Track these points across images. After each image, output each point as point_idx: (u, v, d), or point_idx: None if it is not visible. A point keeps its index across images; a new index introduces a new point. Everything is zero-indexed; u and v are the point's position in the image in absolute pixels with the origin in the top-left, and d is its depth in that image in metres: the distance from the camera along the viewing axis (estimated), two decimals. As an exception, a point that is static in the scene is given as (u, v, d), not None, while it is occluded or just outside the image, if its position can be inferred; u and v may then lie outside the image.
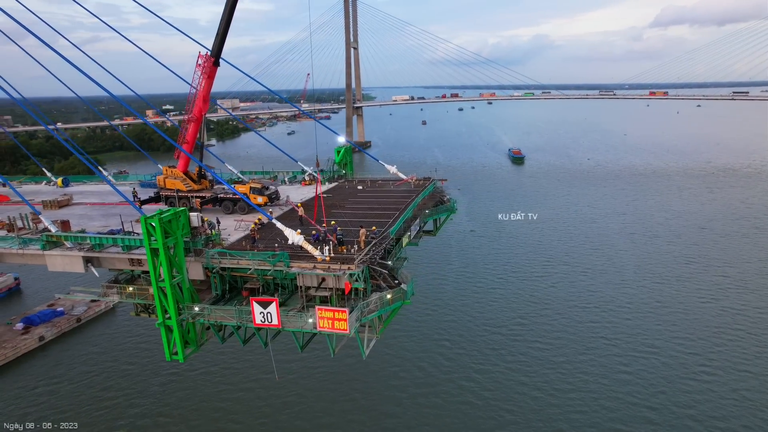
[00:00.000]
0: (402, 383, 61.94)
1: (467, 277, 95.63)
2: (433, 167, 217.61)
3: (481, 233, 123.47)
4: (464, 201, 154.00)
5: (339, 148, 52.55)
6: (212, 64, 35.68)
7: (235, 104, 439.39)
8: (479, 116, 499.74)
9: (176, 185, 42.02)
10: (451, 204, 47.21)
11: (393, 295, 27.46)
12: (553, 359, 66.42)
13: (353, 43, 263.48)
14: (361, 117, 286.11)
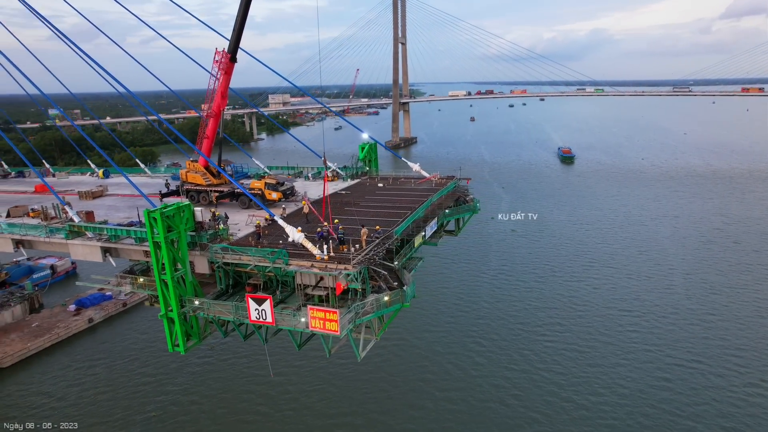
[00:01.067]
0: (429, 385, 61.04)
1: (504, 277, 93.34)
2: (476, 164, 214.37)
3: (523, 233, 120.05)
4: (507, 200, 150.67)
5: (363, 145, 52.13)
6: (229, 60, 36.08)
7: (286, 99, 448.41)
8: (530, 113, 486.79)
9: (196, 179, 42.98)
10: (473, 204, 45.74)
11: (391, 298, 26.80)
12: (589, 365, 63.60)
13: (401, 39, 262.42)
14: (407, 113, 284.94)
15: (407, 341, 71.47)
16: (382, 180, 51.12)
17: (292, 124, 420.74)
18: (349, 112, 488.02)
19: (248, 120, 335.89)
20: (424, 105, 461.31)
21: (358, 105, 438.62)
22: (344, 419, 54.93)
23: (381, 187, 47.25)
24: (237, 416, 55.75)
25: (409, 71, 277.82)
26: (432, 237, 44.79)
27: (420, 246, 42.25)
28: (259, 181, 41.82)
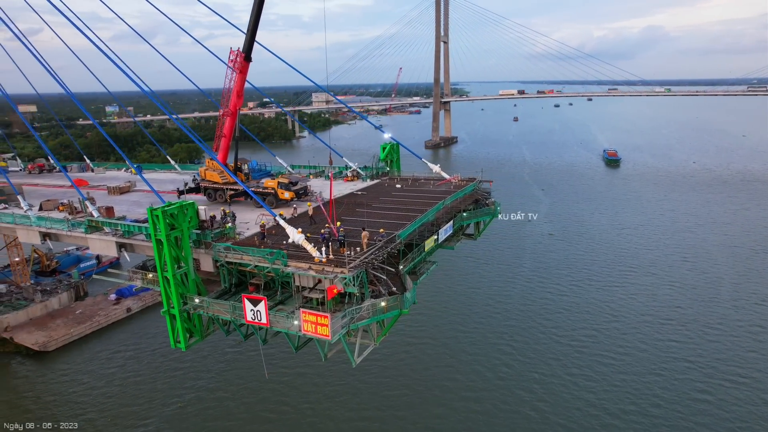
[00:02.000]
0: (455, 385, 59.99)
1: (537, 281, 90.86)
2: (517, 165, 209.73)
3: (561, 236, 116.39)
4: (546, 202, 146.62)
5: (384, 145, 51.47)
6: (243, 60, 36.29)
7: (329, 97, 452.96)
8: (576, 113, 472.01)
9: (214, 177, 43.61)
10: (493, 207, 44.30)
11: (388, 303, 26.11)
12: (622, 375, 60.89)
13: (443, 37, 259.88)
14: (448, 112, 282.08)
15: (432, 342, 70.63)
16: (401, 181, 50.33)
17: (333, 123, 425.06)
18: (391, 111, 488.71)
19: (290, 118, 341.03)
20: (467, 104, 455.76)
21: (400, 104, 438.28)
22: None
23: (398, 188, 46.49)
24: (256, 411, 56.48)
25: (451, 70, 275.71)
26: (448, 240, 43.72)
27: (434, 250, 41.31)
28: (273, 180, 42.01)
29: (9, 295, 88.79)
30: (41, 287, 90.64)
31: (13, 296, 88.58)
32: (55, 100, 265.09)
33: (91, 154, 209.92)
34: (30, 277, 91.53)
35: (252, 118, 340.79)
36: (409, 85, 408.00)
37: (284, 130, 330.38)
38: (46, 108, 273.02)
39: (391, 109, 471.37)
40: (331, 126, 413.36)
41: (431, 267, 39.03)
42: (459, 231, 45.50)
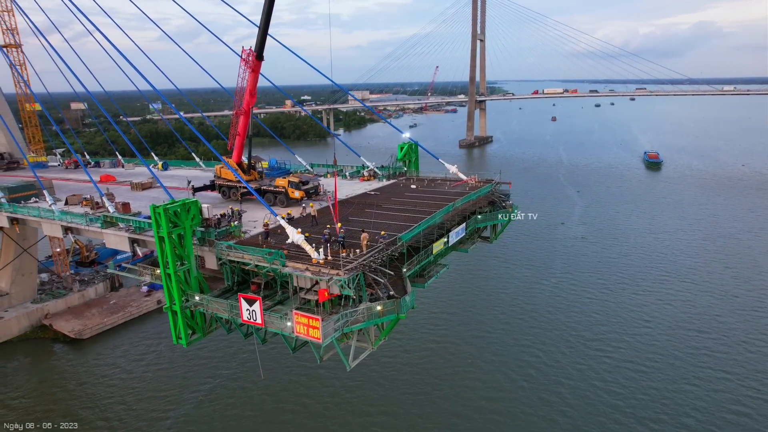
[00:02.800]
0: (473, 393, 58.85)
1: (567, 285, 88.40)
2: (552, 165, 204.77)
3: (593, 239, 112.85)
4: (580, 204, 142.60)
5: (402, 145, 50.74)
6: (255, 59, 36.37)
7: (365, 96, 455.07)
8: (618, 113, 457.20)
9: (228, 175, 44.02)
10: (510, 210, 42.97)
11: (384, 307, 25.53)
12: (652, 386, 58.41)
13: (479, 35, 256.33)
14: (484, 111, 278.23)
15: (457, 343, 69.72)
16: (418, 181, 49.54)
17: (369, 121, 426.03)
18: (427, 110, 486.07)
19: (326, 116, 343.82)
20: (504, 103, 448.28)
21: (435, 102, 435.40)
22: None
23: (413, 189, 45.74)
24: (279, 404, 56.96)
25: (488, 69, 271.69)
26: (462, 243, 42.73)
27: (447, 252, 40.43)
28: (284, 179, 42.05)
29: (50, 284, 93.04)
30: (80, 277, 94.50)
31: (54, 285, 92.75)
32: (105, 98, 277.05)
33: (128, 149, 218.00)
34: (70, 268, 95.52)
35: (288, 116, 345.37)
36: (445, 84, 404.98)
37: (319, 128, 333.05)
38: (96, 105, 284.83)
39: (426, 107, 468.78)
40: (366, 124, 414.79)
41: (442, 270, 38.23)
42: (474, 233, 44.42)
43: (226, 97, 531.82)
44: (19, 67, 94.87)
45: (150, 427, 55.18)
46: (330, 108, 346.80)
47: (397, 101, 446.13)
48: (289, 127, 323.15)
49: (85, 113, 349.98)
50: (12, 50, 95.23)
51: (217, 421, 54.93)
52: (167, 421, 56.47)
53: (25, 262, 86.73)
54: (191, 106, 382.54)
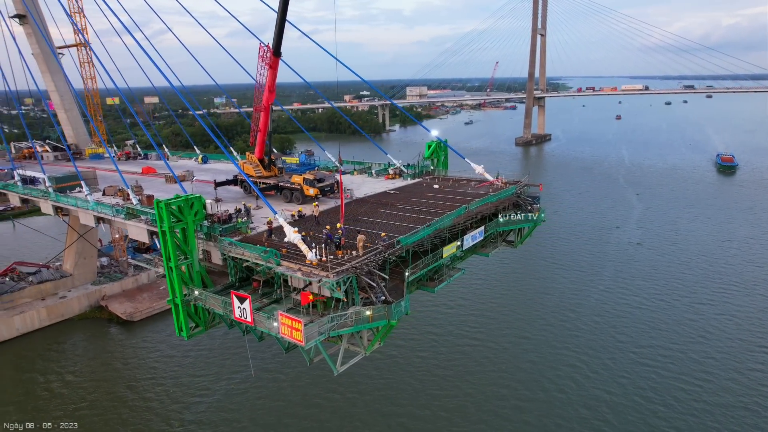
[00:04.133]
0: (505, 396, 57.00)
1: (617, 292, 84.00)
2: (612, 166, 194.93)
3: (650, 245, 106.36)
4: (639, 208, 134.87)
5: (430, 143, 49.40)
6: (273, 55, 36.39)
7: (423, 91, 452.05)
8: (690, 111, 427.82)
9: (249, 171, 44.58)
10: (536, 215, 40.76)
11: (374, 312, 24.74)
12: (707, 406, 54.23)
13: (540, 30, 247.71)
14: (542, 108, 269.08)
15: (489, 348, 67.78)
16: (443, 181, 48.09)
17: (425, 117, 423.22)
18: (485, 106, 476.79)
19: (381, 111, 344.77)
20: (566, 100, 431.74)
21: (495, 99, 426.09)
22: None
23: (436, 189, 44.42)
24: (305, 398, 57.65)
25: (552, 65, 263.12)
26: (484, 247, 41.07)
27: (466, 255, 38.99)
28: (299, 176, 42.00)
29: (109, 268, 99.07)
30: (135, 263, 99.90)
31: (112, 269, 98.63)
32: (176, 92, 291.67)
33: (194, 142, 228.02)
34: (128, 253, 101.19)
35: (344, 111, 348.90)
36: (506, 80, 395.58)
37: (374, 123, 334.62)
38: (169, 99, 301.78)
39: (485, 104, 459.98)
40: (423, 120, 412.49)
41: (457, 274, 36.88)
42: (498, 237, 42.60)
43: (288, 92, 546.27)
44: (87, 64, 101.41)
45: (184, 409, 57.32)
46: (385, 104, 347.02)
47: (455, 97, 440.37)
48: (344, 121, 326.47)
49: (156, 107, 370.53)
50: (81, 49, 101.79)
51: (245, 411, 56.17)
52: (200, 405, 58.42)
53: (87, 247, 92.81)
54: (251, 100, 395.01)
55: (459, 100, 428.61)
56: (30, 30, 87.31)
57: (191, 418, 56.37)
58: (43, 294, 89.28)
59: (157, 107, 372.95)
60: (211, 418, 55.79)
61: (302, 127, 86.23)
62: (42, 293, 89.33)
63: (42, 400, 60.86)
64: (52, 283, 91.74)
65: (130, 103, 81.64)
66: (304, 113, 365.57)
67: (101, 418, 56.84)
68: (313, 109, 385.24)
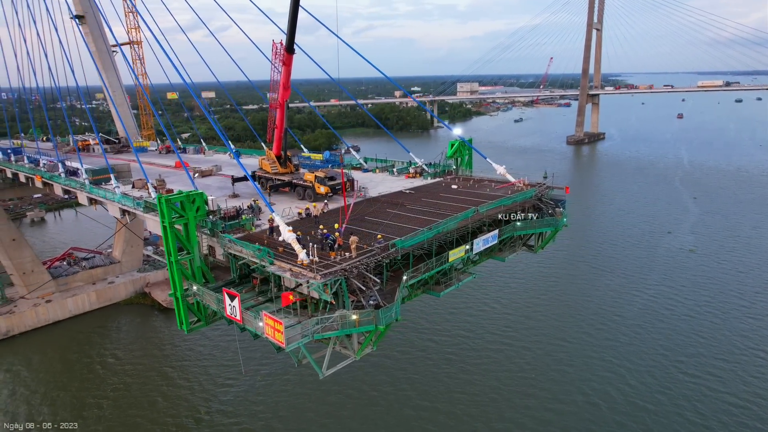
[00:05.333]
0: (530, 407, 55.16)
1: (664, 301, 79.82)
2: (668, 167, 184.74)
3: (705, 253, 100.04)
4: (695, 212, 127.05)
5: (453, 142, 47.95)
6: (286, 52, 36.22)
7: (474, 88, 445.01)
8: (765, 109, 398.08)
9: (266, 167, 44.88)
10: (559, 219, 38.69)
11: (361, 317, 24.06)
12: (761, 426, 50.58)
13: (596, 24, 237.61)
14: (596, 105, 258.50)
15: (526, 348, 66.19)
16: (463, 181, 46.54)
17: (475, 113, 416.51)
18: (538, 103, 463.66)
19: (430, 107, 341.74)
20: (625, 97, 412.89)
21: (548, 95, 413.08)
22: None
23: (454, 189, 43.03)
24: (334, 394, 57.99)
25: (610, 61, 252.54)
26: (500, 251, 39.45)
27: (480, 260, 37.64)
28: (311, 173, 41.78)
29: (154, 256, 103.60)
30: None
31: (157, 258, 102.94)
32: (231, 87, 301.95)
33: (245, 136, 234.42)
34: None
35: (392, 107, 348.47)
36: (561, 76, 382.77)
37: (422, 119, 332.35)
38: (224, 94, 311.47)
39: (538, 100, 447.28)
40: (472, 116, 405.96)
41: (466, 278, 35.63)
42: (518, 241, 40.84)
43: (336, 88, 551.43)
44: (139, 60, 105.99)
45: (211, 398, 59.33)
46: (434, 99, 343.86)
47: (507, 93, 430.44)
48: (393, 117, 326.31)
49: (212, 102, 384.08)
50: (134, 46, 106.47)
51: (268, 403, 57.35)
52: (226, 395, 60.06)
53: (134, 236, 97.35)
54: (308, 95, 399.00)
55: (510, 96, 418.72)
56: (88, 29, 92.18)
57: (216, 407, 57.96)
58: (93, 279, 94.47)
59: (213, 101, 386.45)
60: (236, 409, 57.15)
61: (327, 122, 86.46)
62: (93, 278, 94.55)
63: (86, 378, 64.98)
64: (102, 268, 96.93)
65: (189, 98, 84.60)
66: (353, 109, 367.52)
67: (135, 400, 59.61)
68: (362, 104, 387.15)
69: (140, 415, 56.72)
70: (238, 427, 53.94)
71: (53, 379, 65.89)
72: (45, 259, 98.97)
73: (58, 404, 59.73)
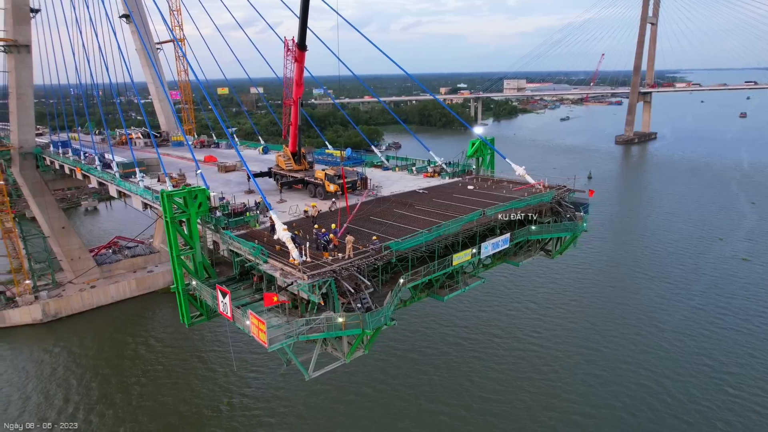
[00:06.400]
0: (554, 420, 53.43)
1: (710, 311, 75.46)
2: (725, 169, 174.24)
3: (759, 262, 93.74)
4: (752, 218, 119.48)
5: (474, 141, 46.46)
6: (298, 48, 36.03)
7: (521, 85, 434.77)
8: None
9: (282, 164, 45.01)
10: (576, 223, 36.78)
11: (347, 320, 23.52)
12: None
13: (650, 18, 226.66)
14: (648, 104, 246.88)
15: (553, 355, 64.28)
16: (482, 181, 45.07)
17: (521, 111, 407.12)
18: (588, 101, 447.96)
19: (474, 104, 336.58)
20: (681, 96, 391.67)
21: (598, 93, 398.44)
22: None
23: (469, 190, 41.69)
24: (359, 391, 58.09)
25: (666, 56, 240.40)
26: (515, 255, 37.97)
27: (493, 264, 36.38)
28: (321, 171, 41.48)
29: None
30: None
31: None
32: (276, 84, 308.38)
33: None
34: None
35: (435, 104, 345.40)
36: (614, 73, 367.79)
37: (465, 116, 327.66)
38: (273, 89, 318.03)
39: (587, 98, 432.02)
40: (518, 114, 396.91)
41: (474, 283, 34.47)
42: (536, 245, 39.19)
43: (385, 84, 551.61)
44: (181, 57, 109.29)
45: (244, 386, 60.56)
46: (478, 97, 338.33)
47: (555, 91, 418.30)
48: (436, 114, 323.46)
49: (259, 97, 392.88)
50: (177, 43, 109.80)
51: (298, 392, 58.13)
52: (257, 382, 61.41)
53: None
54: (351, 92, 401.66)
55: (558, 93, 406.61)
56: (134, 28, 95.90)
57: (249, 392, 59.45)
58: (134, 267, 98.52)
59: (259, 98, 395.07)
60: (266, 395, 58.37)
61: (351, 120, 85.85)
62: (134, 266, 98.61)
63: (126, 359, 68.62)
64: (142, 257, 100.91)
65: (240, 93, 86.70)
66: (397, 105, 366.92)
67: (172, 381, 62.47)
68: (406, 101, 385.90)
69: (173, 395, 59.30)
70: (266, 413, 55.18)
71: (100, 356, 69.94)
72: (93, 246, 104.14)
73: (103, 381, 63.47)
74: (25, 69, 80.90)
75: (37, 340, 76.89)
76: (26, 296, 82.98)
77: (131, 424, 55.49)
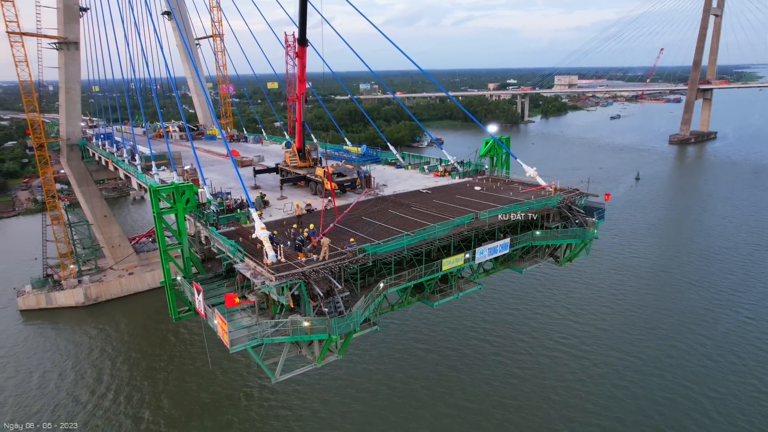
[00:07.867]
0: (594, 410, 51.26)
1: (761, 321, 70.70)
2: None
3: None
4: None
5: (487, 140, 44.48)
6: (299, 45, 35.46)
7: (573, 81, 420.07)
8: None
9: (288, 160, 44.73)
10: (586, 230, 34.48)
11: (312, 324, 22.80)
12: None
13: (714, 10, 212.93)
14: (708, 102, 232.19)
15: (583, 359, 62.02)
16: (492, 182, 43.12)
17: (571, 108, 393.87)
18: (643, 98, 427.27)
19: (521, 100, 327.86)
20: (748, 93, 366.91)
21: (655, 90, 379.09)
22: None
23: (476, 191, 39.89)
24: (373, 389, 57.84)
25: (728, 50, 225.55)
26: (519, 262, 36.13)
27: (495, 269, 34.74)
28: (321, 169, 40.78)
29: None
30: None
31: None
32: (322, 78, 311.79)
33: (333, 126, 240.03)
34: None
35: (480, 99, 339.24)
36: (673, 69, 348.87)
37: (511, 113, 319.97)
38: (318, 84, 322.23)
39: (643, 95, 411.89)
40: (567, 111, 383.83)
41: (471, 288, 33.02)
42: (544, 250, 37.17)
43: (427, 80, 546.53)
44: (219, 53, 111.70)
45: (267, 377, 61.22)
46: (526, 93, 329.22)
47: (608, 87, 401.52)
48: (481, 110, 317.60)
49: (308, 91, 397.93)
50: (217, 39, 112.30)
51: (317, 389, 58.43)
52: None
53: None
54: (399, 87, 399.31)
55: (611, 90, 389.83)
56: (175, 24, 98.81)
57: (266, 384, 60.02)
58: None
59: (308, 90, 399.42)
60: (283, 388, 58.70)
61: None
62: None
63: (155, 345, 71.20)
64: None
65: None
66: (443, 101, 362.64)
67: (195, 368, 64.15)
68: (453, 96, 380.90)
69: (196, 382, 61.06)
70: (282, 405, 55.91)
71: (132, 341, 73.25)
72: (134, 235, 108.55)
73: (133, 365, 66.17)
74: (74, 65, 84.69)
75: (78, 321, 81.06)
76: (71, 280, 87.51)
77: (154, 408, 57.39)
